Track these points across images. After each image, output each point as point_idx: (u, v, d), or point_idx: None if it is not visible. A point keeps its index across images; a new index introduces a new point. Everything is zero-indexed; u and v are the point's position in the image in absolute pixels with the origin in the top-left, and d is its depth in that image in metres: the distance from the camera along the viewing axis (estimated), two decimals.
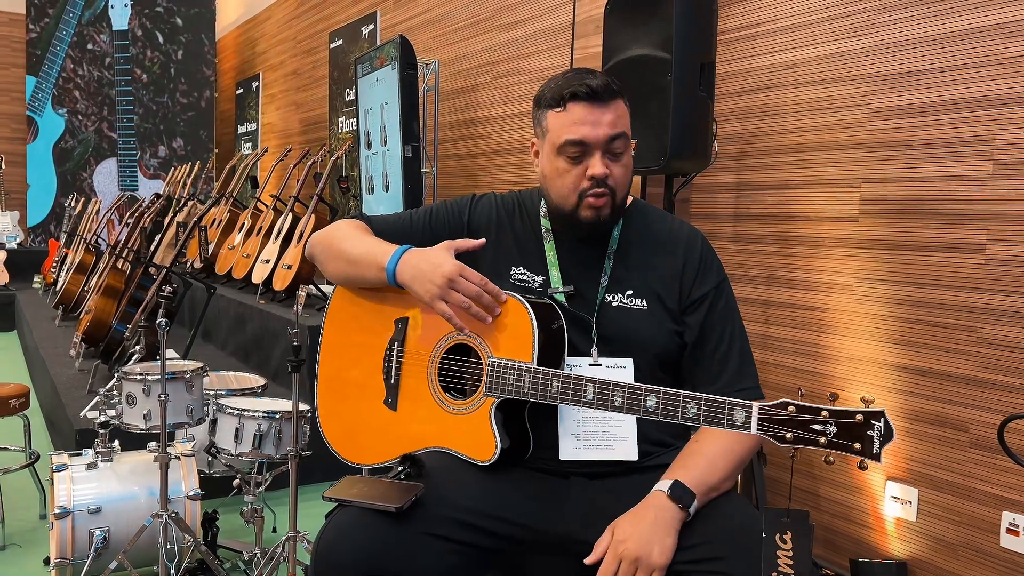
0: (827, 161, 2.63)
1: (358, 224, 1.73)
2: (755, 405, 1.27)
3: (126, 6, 8.95)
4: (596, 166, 1.52)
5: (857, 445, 1.20)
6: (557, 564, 1.55)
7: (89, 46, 9.09)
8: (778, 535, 1.25)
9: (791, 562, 1.24)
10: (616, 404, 1.39)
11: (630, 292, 1.58)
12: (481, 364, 1.53)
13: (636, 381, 1.52)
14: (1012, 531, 2.18)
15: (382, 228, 1.72)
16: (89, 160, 9.18)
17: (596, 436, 1.54)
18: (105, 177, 9.17)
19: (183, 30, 9.10)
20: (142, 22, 9.10)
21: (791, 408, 1.25)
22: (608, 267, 1.59)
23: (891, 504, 2.47)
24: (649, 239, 1.63)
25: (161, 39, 9.14)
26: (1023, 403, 2.16)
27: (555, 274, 1.61)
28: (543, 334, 1.49)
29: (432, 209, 1.73)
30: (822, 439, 1.22)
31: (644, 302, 1.58)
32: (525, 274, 1.64)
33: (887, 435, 1.20)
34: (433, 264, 1.52)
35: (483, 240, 1.60)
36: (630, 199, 1.68)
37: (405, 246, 1.60)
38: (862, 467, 1.22)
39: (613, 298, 1.58)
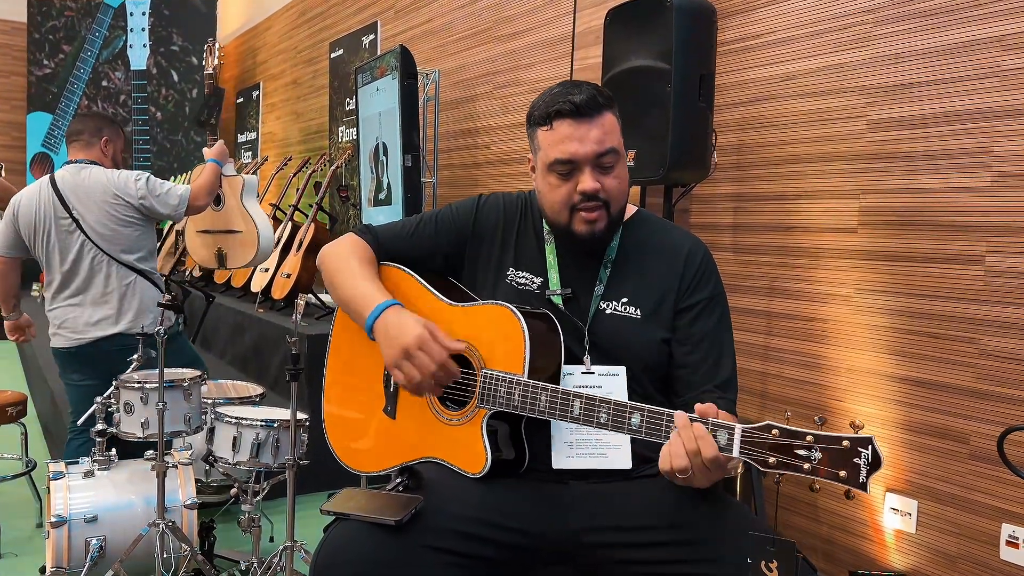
0: (826, 172, 2.64)
1: (359, 248, 1.70)
2: (738, 427, 1.25)
3: (145, 46, 8.93)
4: (586, 181, 1.52)
5: (843, 473, 1.16)
6: (560, 574, 1.54)
7: (104, 83, 9.09)
8: (764, 562, 1.22)
9: None
10: (601, 421, 1.39)
11: (625, 300, 1.59)
12: (475, 375, 1.53)
13: (629, 389, 1.54)
14: (1012, 543, 2.18)
15: (387, 239, 1.72)
16: None
17: (589, 444, 1.54)
18: None
19: (198, 69, 9.14)
20: (157, 60, 9.12)
21: (775, 431, 1.21)
22: (604, 275, 1.60)
23: (891, 516, 2.47)
24: (649, 248, 1.63)
25: (176, 77, 9.18)
26: (1023, 415, 2.16)
27: (553, 276, 1.61)
28: (536, 346, 1.49)
29: (438, 216, 1.73)
30: (806, 465, 1.18)
31: (638, 311, 1.58)
32: (525, 276, 1.64)
33: (875, 463, 1.15)
34: (399, 329, 1.49)
35: (463, 345, 1.52)
36: (633, 208, 1.69)
37: (387, 302, 1.56)
38: (849, 496, 1.17)
39: (608, 305, 1.59)
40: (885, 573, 2.43)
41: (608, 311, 1.58)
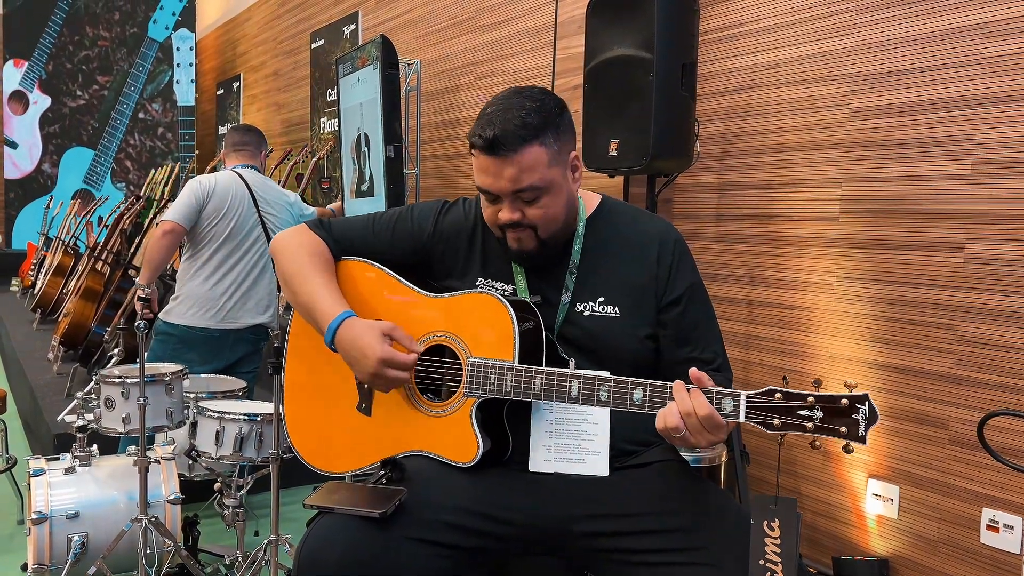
0: (808, 161, 2.64)
1: (315, 246, 1.66)
2: (743, 394, 1.29)
3: (192, 81, 8.80)
4: (504, 212, 1.52)
5: (843, 429, 1.24)
6: (544, 564, 1.54)
7: (141, 115, 8.96)
8: (766, 522, 1.27)
9: (778, 550, 1.26)
10: (602, 399, 1.39)
11: (601, 299, 1.57)
12: (459, 364, 1.52)
13: None
14: (992, 528, 2.20)
15: (342, 237, 1.69)
16: None
17: (568, 449, 1.53)
18: None
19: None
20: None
21: (778, 395, 1.27)
22: (570, 283, 1.58)
23: (873, 502, 2.49)
24: (617, 243, 1.60)
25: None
26: (1002, 400, 2.18)
27: (520, 282, 1.60)
28: (523, 332, 1.48)
29: (397, 216, 1.70)
30: (809, 424, 1.25)
31: (616, 309, 1.56)
32: (494, 285, 1.62)
33: (872, 418, 1.23)
34: (362, 353, 1.50)
35: (414, 356, 1.52)
36: (596, 199, 1.66)
37: (342, 315, 1.54)
38: (847, 450, 1.24)
39: (585, 307, 1.57)
40: (868, 558, 2.45)
41: (587, 312, 1.56)
